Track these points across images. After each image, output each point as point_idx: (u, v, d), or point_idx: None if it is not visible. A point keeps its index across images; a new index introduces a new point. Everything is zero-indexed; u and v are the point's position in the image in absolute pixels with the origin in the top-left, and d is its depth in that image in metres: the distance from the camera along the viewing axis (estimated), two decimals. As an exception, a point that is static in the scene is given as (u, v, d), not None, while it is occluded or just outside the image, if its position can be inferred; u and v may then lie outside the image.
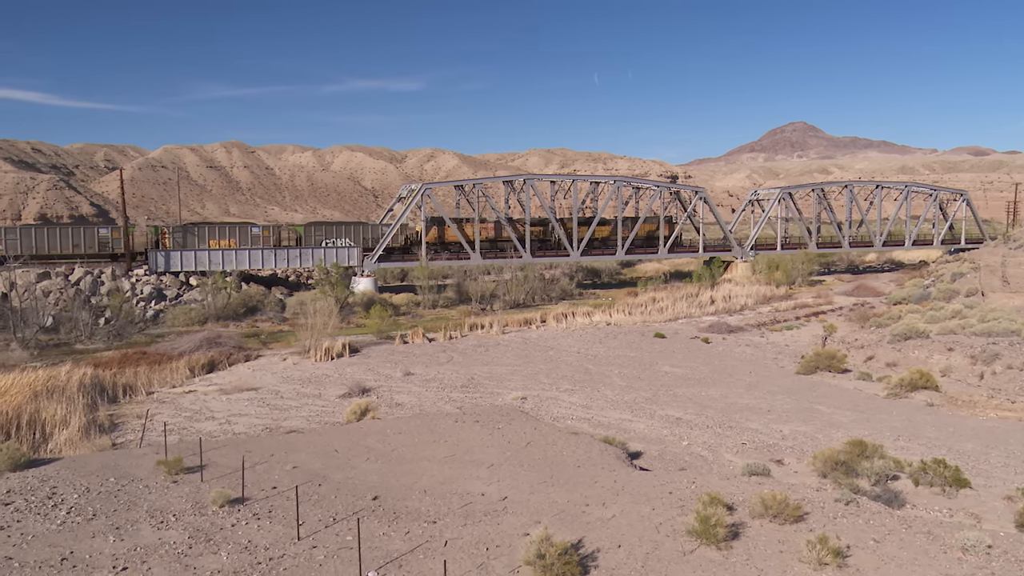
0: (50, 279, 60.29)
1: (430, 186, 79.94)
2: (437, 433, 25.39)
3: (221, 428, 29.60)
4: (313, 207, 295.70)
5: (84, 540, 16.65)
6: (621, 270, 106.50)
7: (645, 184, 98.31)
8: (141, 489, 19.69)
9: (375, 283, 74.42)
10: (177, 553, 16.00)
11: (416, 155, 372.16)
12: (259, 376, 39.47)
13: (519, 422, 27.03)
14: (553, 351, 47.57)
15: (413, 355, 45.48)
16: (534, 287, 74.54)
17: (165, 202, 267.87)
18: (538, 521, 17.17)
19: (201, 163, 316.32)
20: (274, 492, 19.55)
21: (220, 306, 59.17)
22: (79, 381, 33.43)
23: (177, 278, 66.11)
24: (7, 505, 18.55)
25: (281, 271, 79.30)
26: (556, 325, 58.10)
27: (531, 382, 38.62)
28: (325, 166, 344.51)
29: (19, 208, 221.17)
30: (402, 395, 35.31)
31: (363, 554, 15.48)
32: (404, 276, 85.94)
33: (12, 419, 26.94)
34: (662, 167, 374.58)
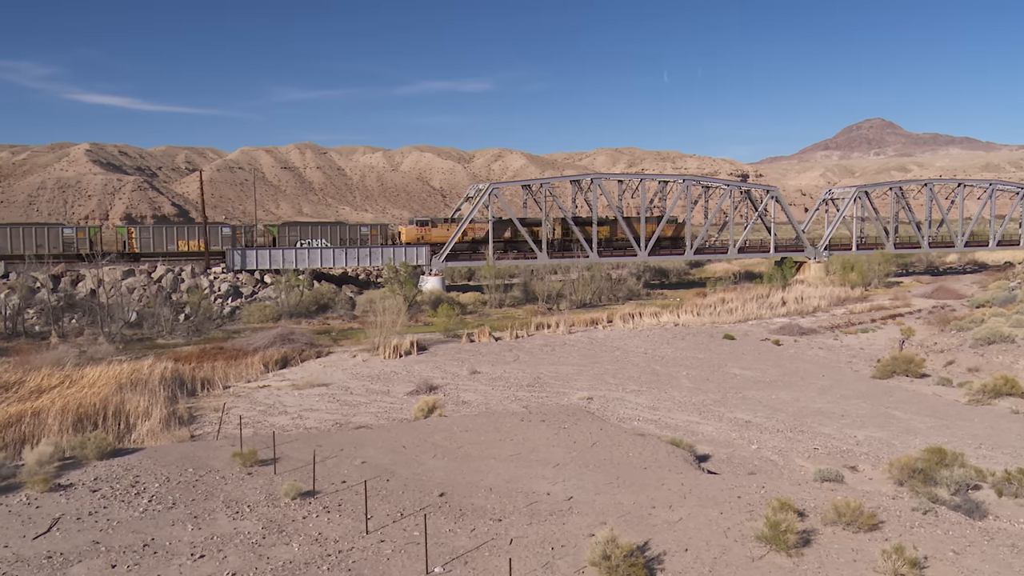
0: (134, 276, 62.79)
1: (497, 186, 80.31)
2: (503, 432, 25.52)
3: (293, 422, 30.36)
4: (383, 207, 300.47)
5: (164, 527, 17.32)
6: (689, 270, 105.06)
7: (715, 183, 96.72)
8: (218, 480, 20.36)
9: (443, 282, 75.19)
10: (251, 543, 16.50)
11: (484, 155, 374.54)
12: (330, 372, 40.32)
13: (585, 422, 26.96)
14: (620, 351, 47.26)
15: (480, 353, 45.78)
16: (601, 287, 74.16)
17: (241, 202, 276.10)
18: (604, 522, 17.11)
19: (276, 164, 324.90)
20: (343, 486, 19.97)
21: (293, 303, 60.66)
22: (160, 375, 34.73)
23: (252, 276, 68.03)
24: (94, 492, 19.44)
25: (352, 269, 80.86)
26: (623, 325, 57.69)
27: (597, 382, 38.46)
28: (395, 166, 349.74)
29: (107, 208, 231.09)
30: (468, 393, 35.60)
31: (429, 550, 15.68)
32: (471, 275, 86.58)
33: (99, 410, 28.17)
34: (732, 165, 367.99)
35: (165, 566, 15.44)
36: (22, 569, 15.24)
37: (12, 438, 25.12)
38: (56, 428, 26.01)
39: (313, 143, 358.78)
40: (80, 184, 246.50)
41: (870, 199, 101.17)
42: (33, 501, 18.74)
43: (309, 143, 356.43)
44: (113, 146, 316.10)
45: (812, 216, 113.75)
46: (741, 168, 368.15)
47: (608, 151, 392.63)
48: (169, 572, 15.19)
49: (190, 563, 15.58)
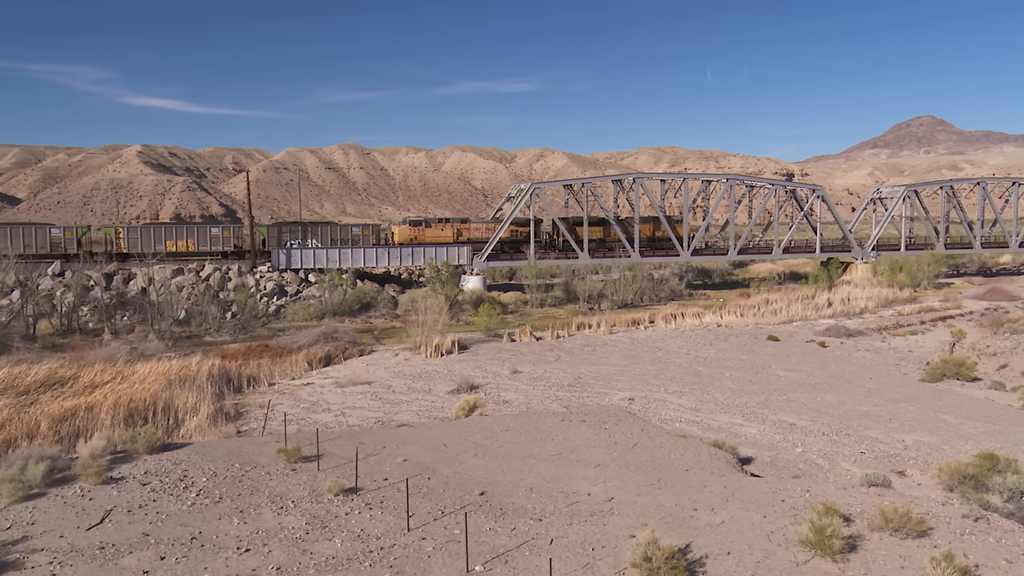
0: (183, 275, 64.15)
1: (539, 185, 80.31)
2: (544, 431, 25.52)
3: (336, 420, 30.74)
4: (425, 206, 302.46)
5: (211, 521, 17.68)
6: (733, 271, 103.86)
7: (759, 182, 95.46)
8: (263, 475, 20.72)
9: (484, 281, 75.43)
10: (295, 538, 16.77)
11: (525, 155, 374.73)
12: (372, 371, 40.74)
13: (626, 423, 26.84)
14: (662, 352, 46.93)
15: (521, 353, 45.84)
16: (643, 287, 73.71)
17: (287, 202, 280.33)
18: (645, 523, 17.02)
19: (320, 165, 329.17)
20: (385, 483, 20.17)
21: (336, 302, 61.40)
22: (208, 371, 35.43)
23: (297, 275, 69.03)
24: (145, 485, 19.93)
25: (394, 269, 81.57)
26: (665, 326, 57.27)
27: (639, 383, 38.25)
28: (437, 166, 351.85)
29: (157, 209, 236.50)
30: (509, 392, 35.67)
31: (470, 548, 15.77)
32: (512, 275, 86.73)
33: (149, 405, 28.86)
34: (777, 164, 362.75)
35: (212, 559, 15.76)
36: (76, 559, 15.69)
37: (67, 431, 25.86)
38: (108, 422, 26.71)
39: (357, 144, 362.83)
40: (132, 185, 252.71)
41: (920, 198, 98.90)
42: (87, 493, 19.28)
43: (353, 144, 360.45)
44: (163, 147, 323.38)
45: (859, 216, 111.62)
46: (786, 167, 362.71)
47: (650, 150, 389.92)
48: (216, 565, 15.50)
49: (236, 556, 15.88)
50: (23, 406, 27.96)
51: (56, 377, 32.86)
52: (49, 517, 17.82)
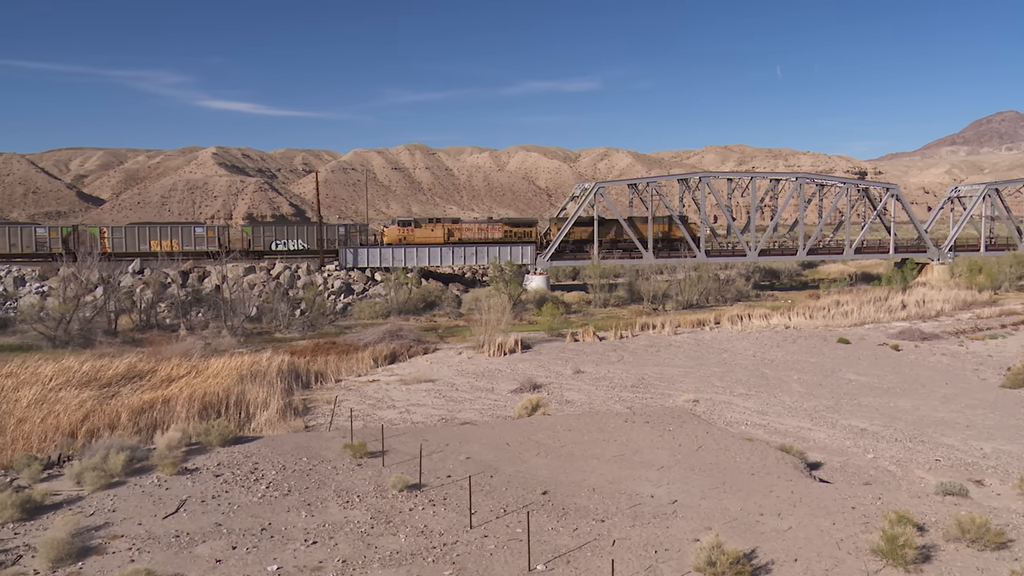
0: (255, 273, 65.93)
1: (603, 185, 79.88)
2: (606, 432, 25.42)
3: (401, 416, 31.18)
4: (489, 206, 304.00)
5: (280, 513, 18.16)
6: (802, 271, 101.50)
7: (830, 181, 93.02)
8: (330, 470, 21.18)
9: (547, 281, 75.44)
10: (360, 532, 17.09)
11: (590, 154, 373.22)
12: (436, 368, 41.17)
13: (690, 425, 26.53)
14: (727, 353, 46.19)
15: (583, 353, 45.71)
16: (708, 287, 72.64)
17: (354, 202, 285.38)
18: (709, 527, 16.80)
19: (387, 165, 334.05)
20: (448, 480, 20.39)
21: (402, 301, 62.26)
22: (278, 367, 36.36)
23: (364, 273, 70.24)
24: (217, 476, 20.58)
25: (458, 268, 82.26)
26: (731, 327, 56.33)
27: (703, 385, 37.73)
28: (501, 166, 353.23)
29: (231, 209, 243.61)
30: (572, 392, 35.61)
31: (532, 547, 15.82)
32: (576, 274, 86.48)
33: (222, 399, 29.78)
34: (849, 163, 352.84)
35: (280, 550, 16.19)
36: (153, 546, 16.32)
37: (145, 423, 26.88)
38: (183, 415, 27.66)
39: (422, 144, 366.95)
40: (207, 186, 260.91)
41: (1001, 197, 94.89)
42: (163, 483, 20.03)
43: (419, 144, 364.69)
44: (237, 149, 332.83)
45: (936, 215, 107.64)
46: (859, 165, 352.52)
47: (717, 149, 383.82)
48: (284, 556, 15.92)
49: (303, 548, 16.28)
50: (105, 398, 29.17)
51: (135, 371, 34.18)
52: (128, 505, 18.57)
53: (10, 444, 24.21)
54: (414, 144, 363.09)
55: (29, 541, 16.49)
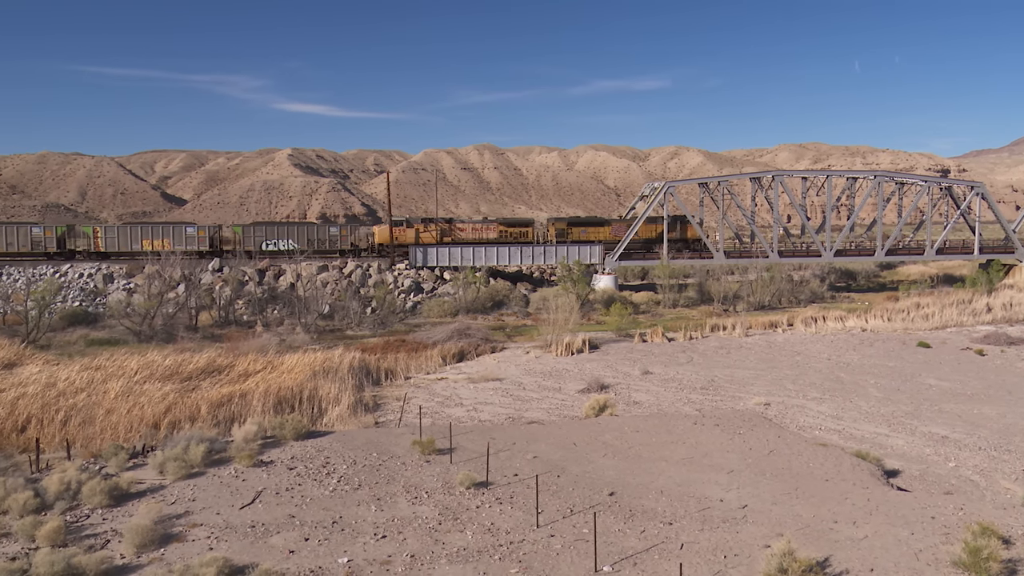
0: (328, 272, 67.42)
1: (673, 184, 78.90)
2: (675, 434, 25.14)
3: (468, 414, 31.45)
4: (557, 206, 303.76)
5: (351, 507, 18.55)
6: (880, 272, 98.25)
7: (910, 179, 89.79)
8: (399, 466, 21.53)
9: (615, 281, 74.93)
10: (428, 528, 17.33)
11: (659, 153, 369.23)
12: (503, 367, 41.38)
13: (761, 428, 26.02)
14: (800, 356, 45.09)
15: (652, 354, 45.27)
16: (781, 288, 71.00)
17: (424, 202, 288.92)
18: (780, 534, 16.46)
19: (456, 165, 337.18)
20: (515, 479, 20.48)
21: (470, 300, 62.75)
22: (349, 364, 37.12)
23: (433, 273, 71.05)
24: (291, 469, 21.16)
25: (526, 267, 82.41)
26: (804, 329, 54.96)
27: (775, 388, 36.94)
28: (569, 166, 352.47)
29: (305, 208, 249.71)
30: (640, 393, 35.33)
31: (598, 548, 15.78)
32: (645, 275, 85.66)
33: (296, 394, 30.59)
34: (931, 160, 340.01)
35: (351, 543, 16.55)
36: (230, 535, 16.88)
37: (223, 416, 27.81)
38: (259, 409, 28.50)
39: (491, 144, 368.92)
40: (283, 186, 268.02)
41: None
42: (240, 474, 20.69)
43: (487, 144, 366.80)
44: (311, 150, 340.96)
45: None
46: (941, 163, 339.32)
47: (791, 147, 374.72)
48: (354, 549, 16.26)
49: (373, 542, 16.60)
50: (186, 391, 30.28)
51: (214, 365, 35.38)
52: (207, 495, 19.24)
53: (99, 434, 25.40)
54: (483, 144, 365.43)
55: (116, 527, 17.25)
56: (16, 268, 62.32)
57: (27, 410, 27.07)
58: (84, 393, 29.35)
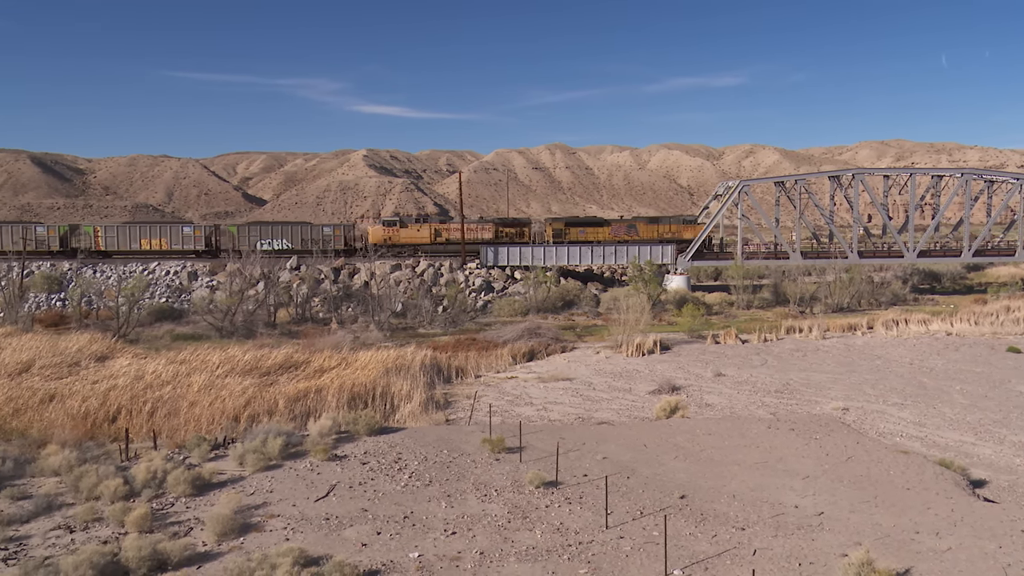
0: (400, 270, 68.52)
1: (748, 183, 77.34)
2: (748, 437, 24.69)
3: (538, 414, 31.51)
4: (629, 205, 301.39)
5: (421, 503, 18.84)
6: (967, 274, 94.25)
7: (1001, 177, 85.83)
8: (469, 463, 21.75)
9: (688, 281, 73.92)
10: (498, 525, 17.46)
11: (734, 151, 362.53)
12: (573, 367, 41.30)
13: (839, 434, 25.32)
14: (880, 360, 43.64)
15: (725, 356, 44.50)
16: (860, 290, 68.82)
17: (495, 201, 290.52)
18: (858, 543, 16.01)
19: (527, 165, 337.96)
20: (584, 479, 20.45)
21: (540, 299, 62.83)
22: (421, 361, 37.63)
23: (504, 272, 71.43)
24: (364, 464, 21.61)
25: (597, 267, 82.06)
26: (885, 332, 53.16)
27: (854, 392, 35.85)
28: (641, 165, 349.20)
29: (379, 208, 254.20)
30: (712, 396, 34.79)
31: (668, 552, 15.62)
32: (718, 275, 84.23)
33: (369, 390, 31.18)
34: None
35: (421, 538, 16.80)
36: (306, 527, 17.35)
37: (300, 411, 28.56)
38: (334, 404, 29.16)
39: (563, 143, 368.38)
40: (358, 186, 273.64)
41: None
42: (315, 468, 21.25)
43: (559, 144, 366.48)
44: (386, 151, 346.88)
45: None
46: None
47: (872, 144, 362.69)
48: (425, 544, 16.51)
49: (443, 538, 16.82)
50: (265, 386, 31.22)
51: (291, 361, 36.36)
52: (284, 487, 19.83)
53: (183, 425, 26.42)
54: (554, 144, 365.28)
55: (198, 515, 17.94)
56: (108, 266, 65.23)
57: (117, 401, 28.35)
58: (170, 386, 30.57)
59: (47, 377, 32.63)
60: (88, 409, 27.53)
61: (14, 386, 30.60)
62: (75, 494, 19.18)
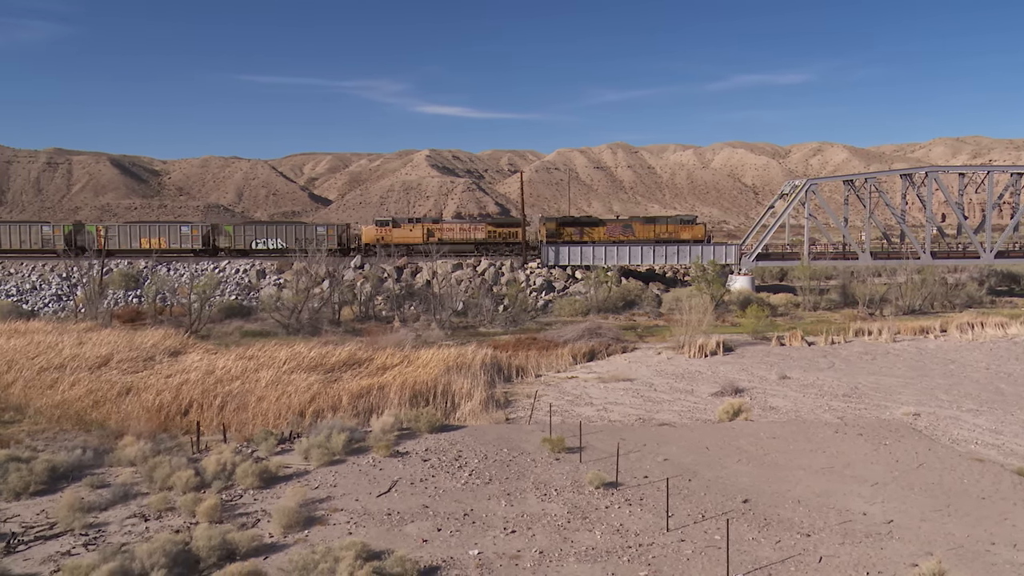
0: (462, 270, 69.04)
1: (815, 182, 75.53)
2: (814, 442, 24.16)
3: (598, 414, 31.39)
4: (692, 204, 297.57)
5: (481, 500, 18.97)
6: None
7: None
8: (529, 462, 21.80)
9: (752, 282, 72.59)
10: (557, 525, 17.47)
11: (801, 150, 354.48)
12: (634, 368, 41.00)
13: (910, 440, 24.57)
14: (954, 364, 42.14)
15: (790, 358, 43.58)
16: (933, 292, 66.53)
17: (556, 201, 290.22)
18: (930, 552, 15.52)
19: (589, 164, 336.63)
20: (645, 481, 20.30)
21: (601, 299, 62.54)
22: (481, 360, 37.85)
23: (564, 271, 71.31)
24: (425, 461, 21.87)
25: (659, 267, 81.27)
26: (960, 336, 51.29)
27: (926, 397, 34.71)
28: (705, 163, 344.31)
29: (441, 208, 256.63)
30: (777, 399, 34.11)
31: (731, 556, 15.41)
32: (783, 276, 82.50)
33: (430, 388, 31.52)
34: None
35: (481, 536, 16.92)
36: (368, 521, 17.65)
37: (362, 407, 29.06)
38: (396, 401, 29.57)
39: (624, 142, 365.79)
40: (420, 186, 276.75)
41: None
42: (377, 463, 21.59)
43: (621, 143, 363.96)
44: (448, 151, 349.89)
45: None
46: None
47: (947, 141, 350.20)
48: (484, 542, 16.62)
49: (503, 536, 16.91)
50: (329, 382, 31.83)
51: (355, 358, 37.00)
52: (347, 481, 20.21)
53: (251, 419, 27.16)
54: (616, 143, 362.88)
55: (265, 507, 18.42)
56: (181, 264, 67.42)
57: (189, 395, 29.29)
58: (238, 381, 31.43)
59: (124, 371, 33.92)
60: (162, 402, 28.54)
61: (94, 379, 31.92)
62: (149, 484, 19.91)
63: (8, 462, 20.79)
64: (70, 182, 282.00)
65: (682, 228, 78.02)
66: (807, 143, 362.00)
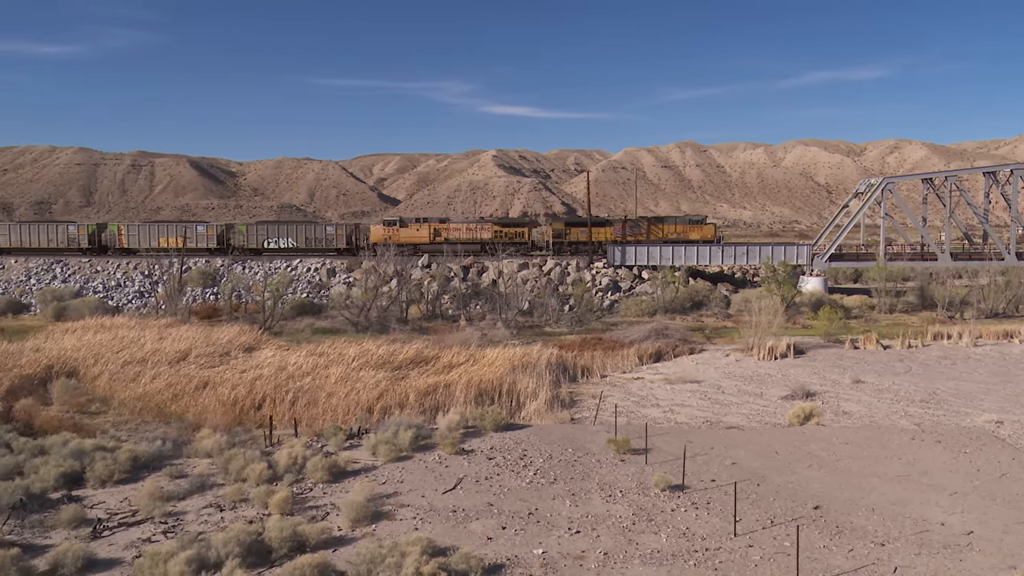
0: (528, 269, 69.21)
1: (892, 180, 73.13)
2: (889, 449, 23.44)
3: (664, 416, 31.07)
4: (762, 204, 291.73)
5: (546, 500, 19.00)
6: None
7: None
8: (593, 463, 21.75)
9: (824, 283, 70.75)
10: (622, 527, 17.37)
11: (877, 147, 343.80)
12: (702, 369, 40.43)
13: (992, 448, 23.62)
14: (1043, 372, 40.26)
15: (864, 362, 42.33)
16: (1019, 294, 63.70)
17: (623, 200, 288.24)
18: (1013, 566, 14.91)
19: (656, 163, 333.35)
20: (712, 484, 20.02)
21: (668, 299, 61.84)
22: (546, 360, 37.87)
23: (631, 271, 70.77)
24: (490, 459, 22.02)
25: (727, 268, 79.93)
26: (1049, 341, 48.95)
27: (1010, 404, 33.26)
28: (776, 162, 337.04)
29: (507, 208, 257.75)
30: (850, 403, 33.19)
31: (800, 564, 15.08)
32: (857, 277, 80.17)
33: (495, 387, 31.70)
34: None
35: (546, 535, 16.96)
36: (434, 517, 17.88)
37: (429, 405, 29.43)
38: (461, 400, 29.85)
39: (693, 141, 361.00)
40: (487, 186, 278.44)
41: None
42: (443, 460, 21.84)
43: (689, 141, 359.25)
44: (514, 151, 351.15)
45: None
46: None
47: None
48: (549, 541, 16.65)
49: (567, 536, 16.91)
50: (396, 379, 32.34)
51: (422, 356, 37.48)
52: (414, 478, 20.50)
53: (321, 415, 27.80)
54: (684, 142, 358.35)
55: (334, 501, 18.84)
56: (256, 263, 69.37)
57: (262, 390, 30.15)
58: (309, 377, 32.20)
59: (201, 365, 35.12)
60: (236, 396, 29.45)
61: (173, 373, 33.14)
62: (224, 475, 20.57)
63: (95, 451, 21.79)
64: (152, 183, 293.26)
65: (691, 228, 76.67)
66: (883, 140, 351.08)
